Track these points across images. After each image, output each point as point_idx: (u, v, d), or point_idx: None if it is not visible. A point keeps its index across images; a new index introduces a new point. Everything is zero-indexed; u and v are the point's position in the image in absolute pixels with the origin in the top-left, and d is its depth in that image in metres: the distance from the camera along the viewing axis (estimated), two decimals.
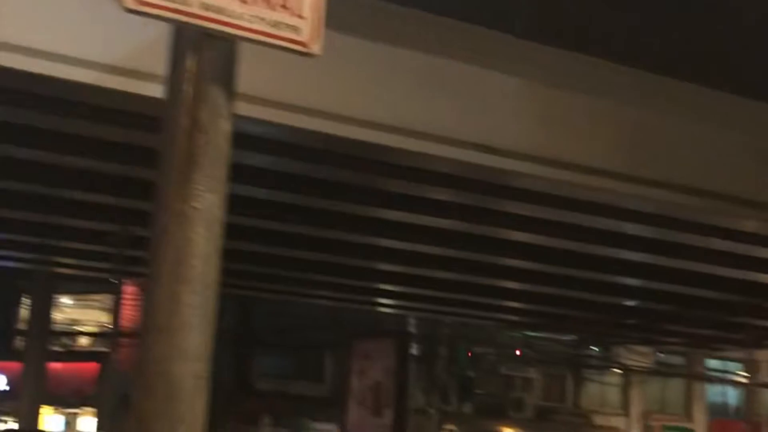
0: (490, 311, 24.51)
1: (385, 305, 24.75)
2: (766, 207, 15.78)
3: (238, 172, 13.38)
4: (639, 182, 14.63)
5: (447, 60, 12.61)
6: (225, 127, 4.00)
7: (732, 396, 33.19)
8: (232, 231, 15.89)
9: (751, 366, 30.88)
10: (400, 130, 12.24)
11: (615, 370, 30.78)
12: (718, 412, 33.09)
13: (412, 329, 26.73)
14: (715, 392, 33.41)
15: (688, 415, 32.61)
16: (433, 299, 23.06)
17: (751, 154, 15.32)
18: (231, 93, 4.06)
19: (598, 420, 31.12)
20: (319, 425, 29.10)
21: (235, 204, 14.05)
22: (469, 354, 28.55)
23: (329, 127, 12.01)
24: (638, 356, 29.75)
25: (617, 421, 31.32)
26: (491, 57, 12.86)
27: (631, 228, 16.64)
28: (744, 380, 31.48)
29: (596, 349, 30.42)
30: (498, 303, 23.34)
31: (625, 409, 31.66)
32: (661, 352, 30.98)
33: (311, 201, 15.49)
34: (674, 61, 14.13)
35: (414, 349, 26.73)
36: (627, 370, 30.53)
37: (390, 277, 20.86)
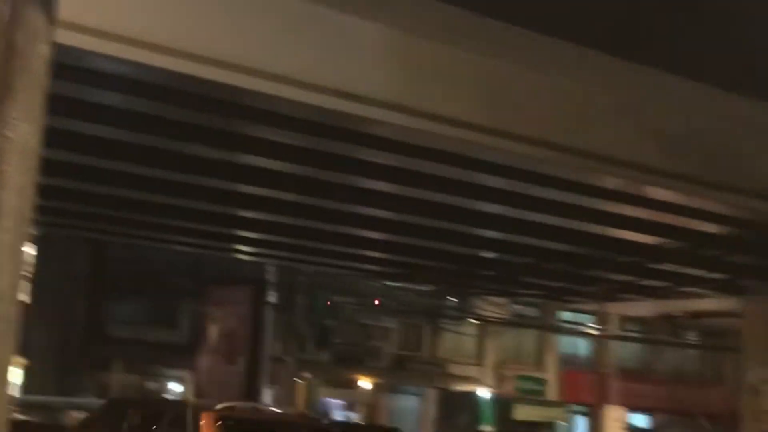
0: (349, 260, 24.48)
1: (244, 252, 24.47)
2: (623, 163, 16.08)
3: (91, 111, 12.87)
4: (499, 135, 14.69)
5: (308, 3, 12.35)
6: (43, 51, 3.67)
7: (583, 347, 34.08)
8: (83, 172, 15.29)
9: (601, 318, 31.70)
10: (257, 72, 11.94)
11: (471, 320, 31.17)
12: (569, 362, 33.95)
13: (271, 277, 26.51)
14: (567, 343, 34.26)
15: (541, 366, 33.36)
16: (293, 247, 22.88)
17: (610, 111, 15.55)
18: (51, 16, 3.73)
19: (454, 369, 31.56)
20: (172, 372, 28.76)
21: (86, 144, 13.50)
22: (328, 303, 28.54)
23: (184, 66, 11.63)
24: (494, 307, 30.17)
25: (472, 371, 31.82)
26: (353, 2, 12.65)
27: (491, 180, 16.73)
28: (594, 332, 32.33)
29: (453, 299, 30.75)
30: (357, 252, 23.31)
31: (480, 359, 32.18)
32: (516, 303, 31.53)
33: (167, 143, 15.05)
34: (537, 15, 14.16)
35: (272, 298, 26.53)
36: (483, 321, 30.96)
37: (248, 224, 20.57)
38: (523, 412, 31.47)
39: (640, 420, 35.41)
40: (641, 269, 23.39)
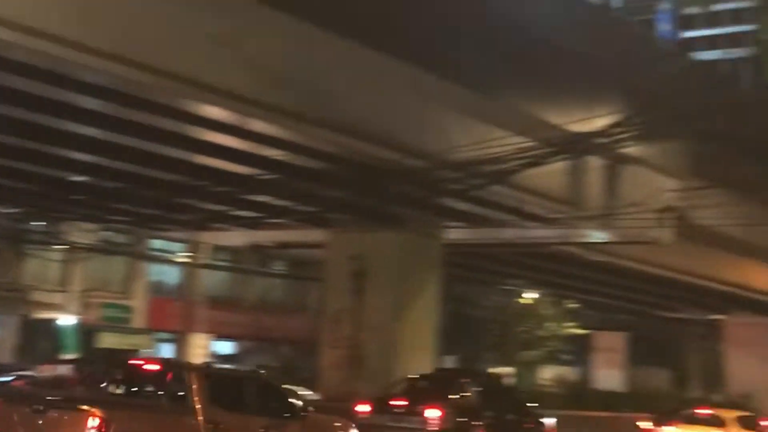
0: None
1: None
2: (220, 92, 15.99)
3: None
4: (91, 53, 14.03)
5: None
6: None
7: (172, 275, 34.07)
8: None
9: (192, 247, 31.78)
10: None
11: (57, 246, 30.10)
12: (157, 290, 33.84)
13: None
14: (156, 271, 34.09)
15: (129, 293, 32.95)
16: None
17: (211, 39, 15.34)
18: None
19: (37, 296, 30.36)
20: None
21: None
22: None
23: None
24: (82, 233, 29.33)
25: (57, 297, 30.78)
26: None
27: (82, 101, 16.06)
28: (184, 261, 32.40)
29: (39, 223, 29.51)
30: None
31: (65, 285, 31.18)
32: (106, 230, 30.81)
33: None
34: None
35: None
36: (70, 247, 30.00)
37: None
38: (108, 340, 31.08)
39: (226, 347, 36.13)
40: (233, 199, 23.63)
